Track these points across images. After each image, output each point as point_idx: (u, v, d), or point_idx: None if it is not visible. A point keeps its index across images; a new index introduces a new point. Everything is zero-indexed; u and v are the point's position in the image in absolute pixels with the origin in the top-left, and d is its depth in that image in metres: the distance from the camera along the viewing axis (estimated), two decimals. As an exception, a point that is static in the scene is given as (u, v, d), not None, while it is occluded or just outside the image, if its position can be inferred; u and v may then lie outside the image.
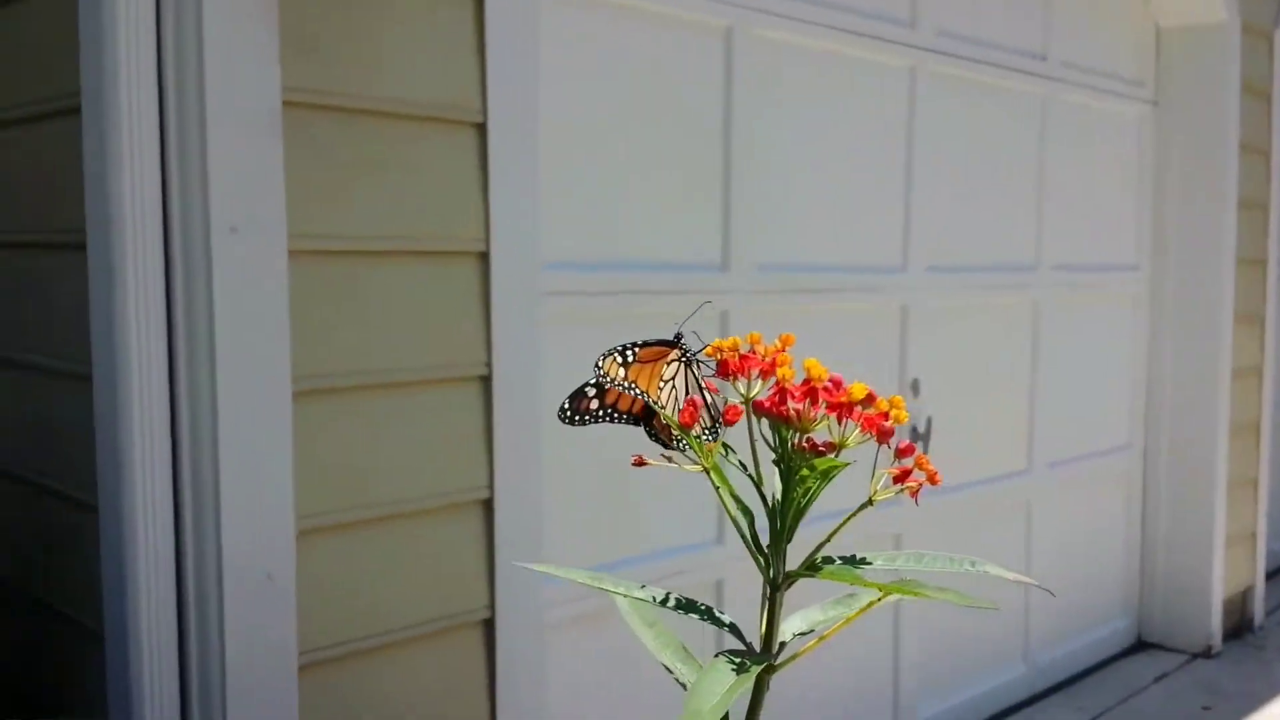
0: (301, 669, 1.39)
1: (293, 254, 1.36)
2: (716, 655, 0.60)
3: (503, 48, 1.54)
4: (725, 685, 0.56)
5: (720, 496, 0.66)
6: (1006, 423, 2.73)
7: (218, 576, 1.31)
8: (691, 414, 0.65)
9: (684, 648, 0.70)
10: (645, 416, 0.76)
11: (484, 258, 1.54)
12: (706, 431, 0.70)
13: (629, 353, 0.74)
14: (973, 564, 0.64)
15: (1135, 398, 3.15)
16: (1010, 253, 2.68)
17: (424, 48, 1.47)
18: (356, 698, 1.46)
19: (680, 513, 1.98)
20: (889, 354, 2.36)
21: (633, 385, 0.73)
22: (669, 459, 0.71)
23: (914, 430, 2.38)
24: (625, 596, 0.67)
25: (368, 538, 1.45)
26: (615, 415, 0.77)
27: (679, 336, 0.76)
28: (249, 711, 1.33)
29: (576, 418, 0.76)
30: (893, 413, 0.63)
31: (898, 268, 2.36)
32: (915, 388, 2.38)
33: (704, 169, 1.97)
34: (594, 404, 0.76)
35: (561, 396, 0.77)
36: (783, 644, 0.66)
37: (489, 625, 1.57)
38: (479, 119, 1.53)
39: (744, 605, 2.02)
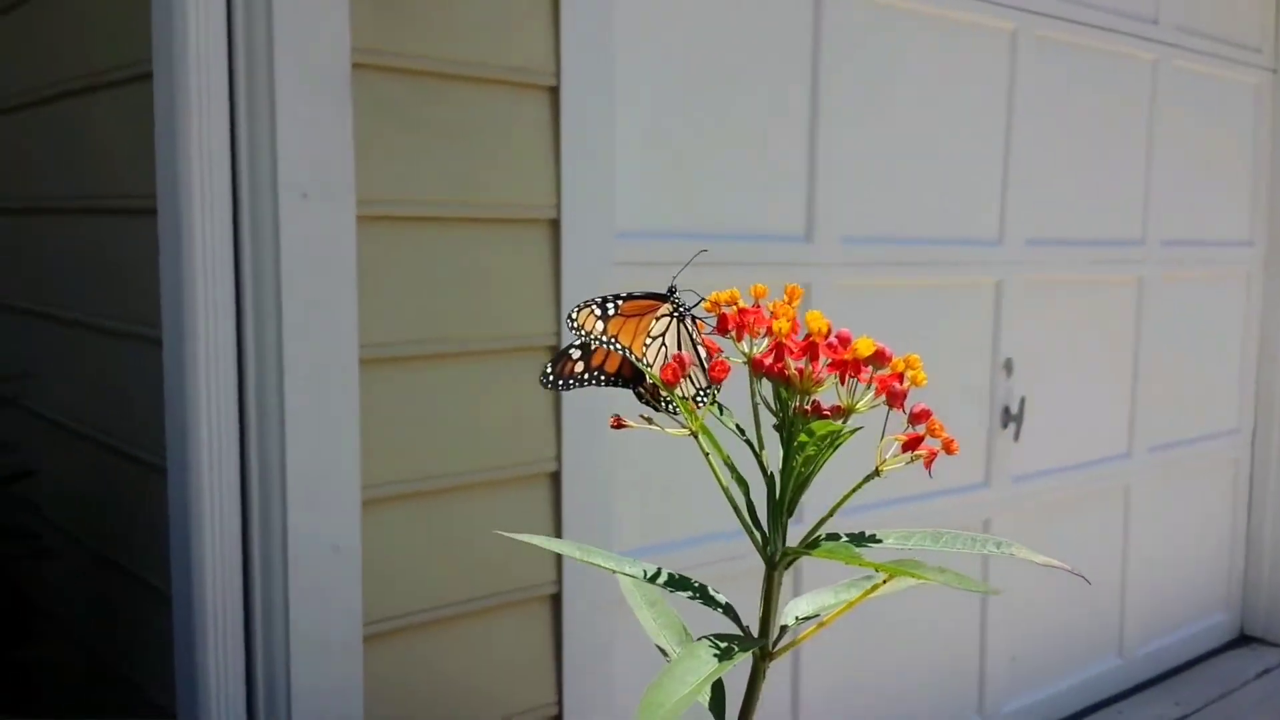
0: (367, 639, 1.38)
1: (361, 220, 1.34)
2: (699, 639, 0.56)
3: (577, 6, 1.49)
4: (699, 675, 0.51)
5: (709, 463, 0.61)
6: (1106, 405, 2.61)
7: (283, 543, 1.31)
8: (675, 370, 0.60)
9: (685, 629, 0.65)
10: (635, 378, 0.71)
11: (554, 225, 1.50)
12: (701, 393, 0.65)
13: (610, 304, 0.68)
14: (998, 545, 0.58)
15: (1245, 380, 3.00)
16: (1115, 227, 2.55)
17: (496, 9, 1.43)
18: (422, 669, 1.45)
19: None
20: (982, 331, 2.27)
21: (613, 340, 0.68)
22: (649, 420, 0.65)
23: (1006, 411, 2.28)
24: (616, 572, 0.62)
25: (434, 509, 1.43)
26: (603, 377, 0.71)
27: (672, 290, 0.70)
28: (313, 677, 1.33)
29: (560, 382, 0.71)
30: (908, 373, 0.57)
31: (994, 241, 2.26)
32: (1009, 367, 2.28)
33: (788, 135, 1.90)
34: (579, 366, 0.70)
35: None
36: (785, 628, 0.61)
37: (556, 600, 1.55)
38: (552, 82, 1.48)
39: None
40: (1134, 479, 2.67)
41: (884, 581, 0.58)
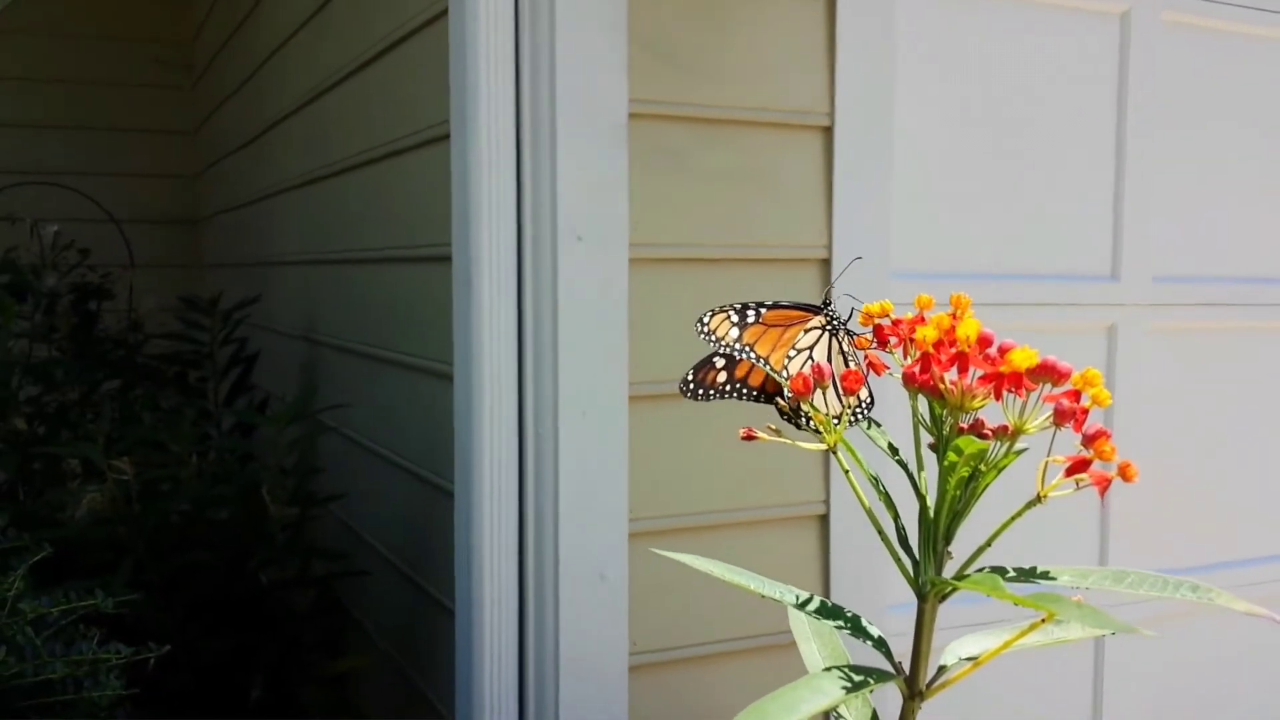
0: (632, 669, 1.41)
1: (634, 261, 1.39)
2: (826, 669, 0.53)
3: (853, 47, 1.49)
4: (812, 705, 0.48)
5: (849, 481, 0.58)
6: None
7: (555, 567, 1.37)
8: (807, 381, 0.57)
9: (850, 665, 0.62)
10: (778, 392, 0.68)
11: (826, 265, 1.49)
12: (856, 410, 0.62)
13: (750, 312, 0.66)
14: (1194, 589, 0.51)
15: None
16: None
17: (771, 51, 1.46)
18: (685, 703, 1.46)
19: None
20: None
21: (748, 350, 0.66)
22: (777, 432, 0.62)
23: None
24: (764, 596, 0.60)
25: (699, 545, 1.45)
26: (745, 391, 0.69)
27: (826, 301, 0.67)
28: (580, 699, 1.37)
29: (700, 391, 0.69)
30: (1088, 392, 0.51)
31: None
32: (1362, 421, 2.01)
33: (1090, 166, 1.79)
34: (721, 376, 0.69)
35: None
36: (943, 668, 0.57)
37: (824, 645, 1.52)
38: (825, 122, 1.49)
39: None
40: None
41: (1042, 621, 0.53)
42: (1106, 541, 1.82)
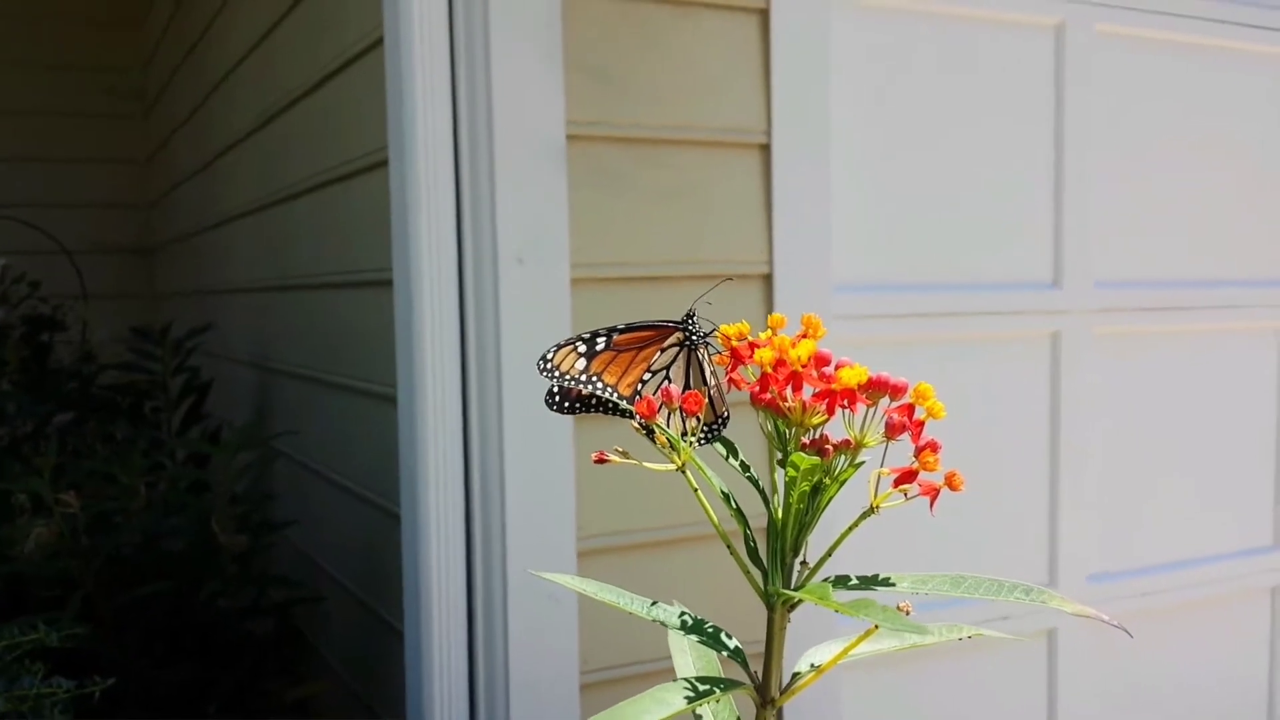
0: (584, 687, 1.42)
1: (575, 282, 1.40)
2: (676, 680, 0.54)
3: (788, 65, 1.51)
4: (652, 716, 0.49)
5: (699, 499, 0.60)
6: None
7: (503, 590, 1.37)
8: (651, 405, 0.59)
9: (701, 676, 0.63)
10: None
11: (767, 280, 1.51)
12: (707, 429, 0.63)
13: (600, 339, 0.66)
14: (1026, 592, 0.53)
15: None
16: None
17: (706, 71, 1.47)
18: (639, 720, 1.47)
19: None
20: (1271, 384, 2.05)
21: (595, 379, 0.67)
22: (624, 454, 0.63)
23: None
24: (630, 612, 0.62)
25: (649, 561, 1.46)
26: (608, 403, 0.69)
27: (690, 314, 0.68)
28: (532, 719, 1.38)
29: (565, 404, 0.69)
30: (923, 405, 0.53)
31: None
32: (1304, 419, 2.05)
33: (1030, 175, 1.81)
34: (585, 389, 0.68)
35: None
36: (797, 675, 0.59)
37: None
38: (763, 140, 1.51)
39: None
40: None
41: (870, 632, 0.56)
42: (1056, 545, 1.84)
